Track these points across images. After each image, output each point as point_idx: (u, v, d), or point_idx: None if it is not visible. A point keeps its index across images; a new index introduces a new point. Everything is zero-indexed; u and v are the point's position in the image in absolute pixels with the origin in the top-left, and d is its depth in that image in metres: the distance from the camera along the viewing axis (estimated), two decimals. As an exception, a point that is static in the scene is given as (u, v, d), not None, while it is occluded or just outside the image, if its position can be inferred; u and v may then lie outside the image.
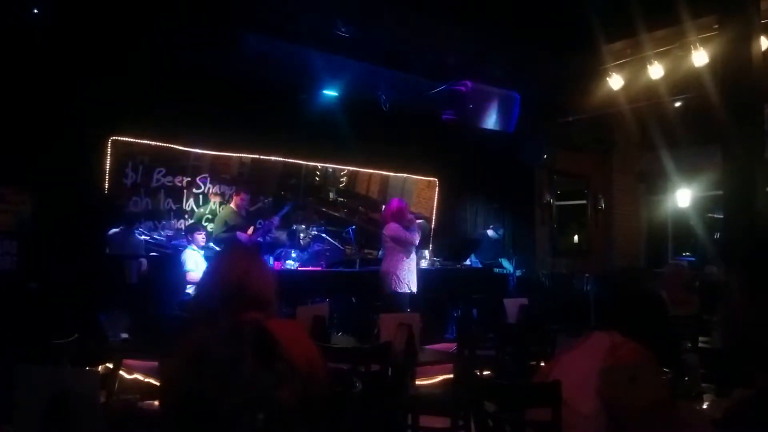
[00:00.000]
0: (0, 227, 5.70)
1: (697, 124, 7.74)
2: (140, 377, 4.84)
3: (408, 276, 6.27)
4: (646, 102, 7.97)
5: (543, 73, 7.65)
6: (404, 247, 6.26)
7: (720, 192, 6.79)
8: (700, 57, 6.65)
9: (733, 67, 5.75)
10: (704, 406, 2.45)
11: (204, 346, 1.82)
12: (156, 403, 2.31)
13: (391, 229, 6.30)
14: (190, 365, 1.82)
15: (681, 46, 6.80)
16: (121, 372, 3.42)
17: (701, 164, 8.65)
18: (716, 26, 6.32)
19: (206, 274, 2.09)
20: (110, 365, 3.22)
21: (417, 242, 6.40)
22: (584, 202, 10.43)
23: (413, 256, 6.40)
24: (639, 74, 7.38)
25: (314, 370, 1.94)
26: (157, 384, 4.66)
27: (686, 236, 10.51)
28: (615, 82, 7.57)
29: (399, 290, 6.20)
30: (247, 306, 1.90)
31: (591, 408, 2.21)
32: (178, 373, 1.86)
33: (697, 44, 6.63)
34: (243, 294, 1.92)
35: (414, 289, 6.35)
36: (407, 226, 6.28)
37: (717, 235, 9.65)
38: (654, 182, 10.36)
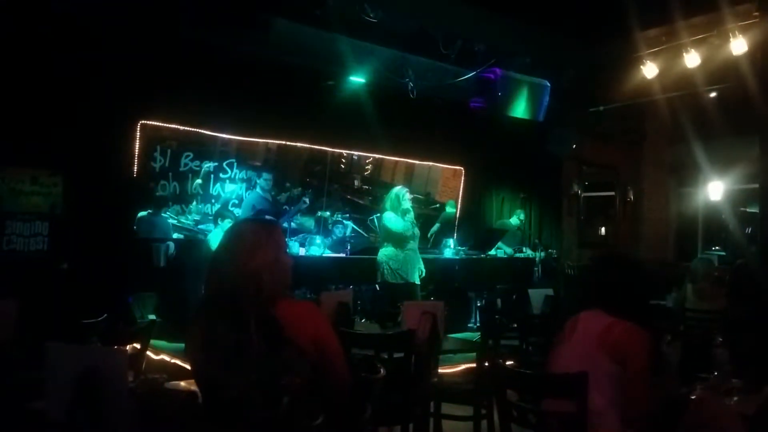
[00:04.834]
0: (32, 209, 5.83)
1: (732, 115, 7.50)
2: (167, 358, 4.94)
3: (404, 266, 5.92)
4: (679, 91, 7.75)
5: (574, 61, 7.50)
6: (395, 239, 5.91)
7: (756, 185, 6.61)
8: (738, 45, 6.44)
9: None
10: (733, 402, 2.41)
11: (211, 333, 1.84)
12: (182, 383, 2.36)
13: (385, 218, 5.98)
14: (201, 351, 1.86)
15: (719, 34, 6.58)
16: (148, 352, 3.48)
17: (735, 156, 8.42)
18: (756, 13, 6.12)
19: (219, 262, 1.95)
20: (138, 345, 3.27)
21: (411, 234, 5.97)
22: (612, 193, 10.25)
23: (412, 245, 6.01)
24: (674, 63, 7.16)
25: (325, 352, 1.91)
26: (183, 365, 4.76)
27: (717, 230, 10.27)
28: (649, 70, 7.36)
29: (391, 281, 5.90)
30: (258, 296, 1.88)
31: (600, 402, 2.22)
32: (192, 358, 1.92)
33: (736, 32, 6.41)
34: (257, 288, 1.87)
35: (413, 279, 6.00)
36: (404, 216, 5.89)
37: (749, 230, 9.42)
38: (685, 174, 10.12)
